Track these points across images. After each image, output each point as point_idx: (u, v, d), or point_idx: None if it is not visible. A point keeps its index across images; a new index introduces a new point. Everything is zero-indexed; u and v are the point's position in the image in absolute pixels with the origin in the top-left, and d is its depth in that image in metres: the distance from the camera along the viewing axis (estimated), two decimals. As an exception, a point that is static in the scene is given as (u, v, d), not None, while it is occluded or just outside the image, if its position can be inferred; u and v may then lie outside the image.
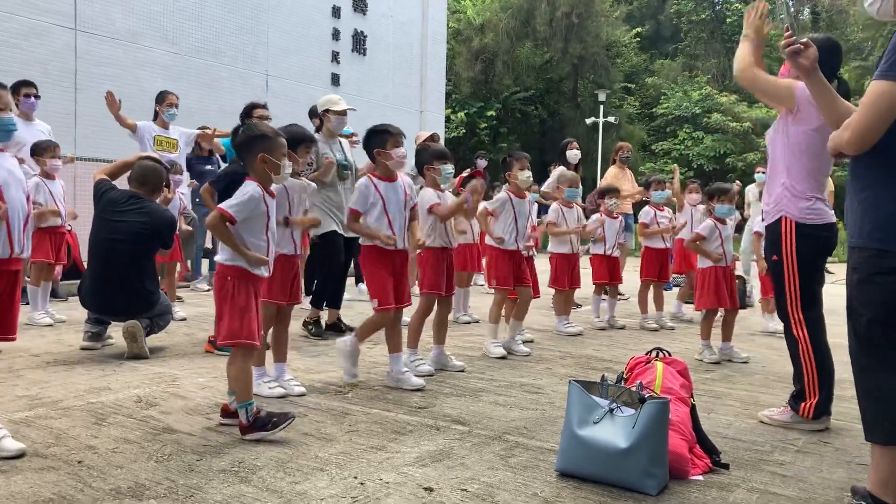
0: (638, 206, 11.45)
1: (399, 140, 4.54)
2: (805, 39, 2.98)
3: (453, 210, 4.97)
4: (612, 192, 7.73)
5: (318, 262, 6.39)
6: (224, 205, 3.46)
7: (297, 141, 4.35)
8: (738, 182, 9.04)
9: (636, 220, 10.31)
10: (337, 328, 6.40)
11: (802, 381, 3.93)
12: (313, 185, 4.63)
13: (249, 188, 3.49)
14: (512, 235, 5.74)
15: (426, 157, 5.02)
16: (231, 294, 3.45)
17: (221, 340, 3.50)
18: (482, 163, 11.06)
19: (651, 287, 7.65)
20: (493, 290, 5.92)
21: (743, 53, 3.97)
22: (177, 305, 6.86)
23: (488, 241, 6.02)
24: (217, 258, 3.53)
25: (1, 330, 3.30)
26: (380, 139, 4.53)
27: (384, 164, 4.52)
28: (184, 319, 6.76)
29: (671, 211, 8.08)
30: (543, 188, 8.59)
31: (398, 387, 4.51)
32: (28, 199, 3.35)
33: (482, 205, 5.76)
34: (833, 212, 3.97)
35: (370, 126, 4.68)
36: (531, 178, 5.87)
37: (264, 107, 6.75)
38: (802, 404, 3.89)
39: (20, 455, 3.08)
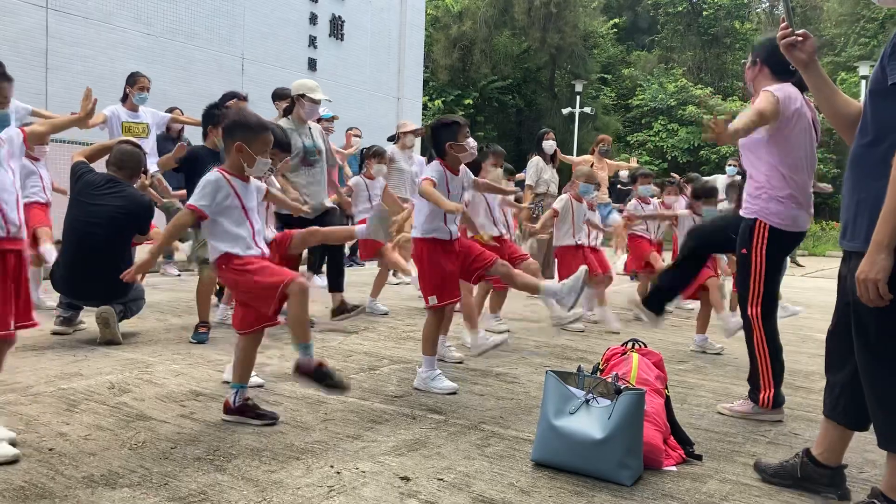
0: (619, 199, 11.53)
1: (468, 130, 4.38)
2: (802, 31, 2.86)
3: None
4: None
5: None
6: (191, 200, 3.39)
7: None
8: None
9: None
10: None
11: (757, 372, 4.00)
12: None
13: (209, 176, 3.42)
14: (489, 221, 5.77)
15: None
16: (232, 282, 3.48)
17: (241, 328, 3.55)
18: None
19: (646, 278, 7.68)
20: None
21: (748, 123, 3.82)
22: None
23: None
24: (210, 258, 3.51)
25: (18, 316, 3.18)
26: (450, 131, 4.32)
27: (455, 156, 4.35)
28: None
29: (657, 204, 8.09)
30: (527, 181, 8.57)
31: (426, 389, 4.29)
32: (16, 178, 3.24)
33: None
34: (810, 216, 3.97)
35: (437, 118, 4.56)
36: (501, 177, 5.91)
37: (245, 99, 6.65)
38: (761, 395, 3.96)
39: (15, 461, 2.92)
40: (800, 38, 2.83)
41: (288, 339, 5.51)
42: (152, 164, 7.64)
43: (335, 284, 6.36)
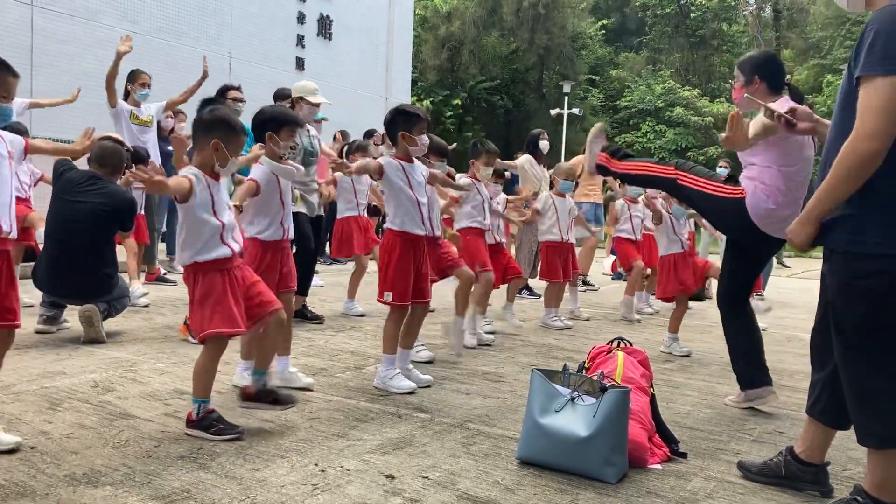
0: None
1: (424, 126, 4.33)
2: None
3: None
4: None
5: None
6: (184, 172, 3.27)
7: (281, 123, 4.05)
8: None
9: (605, 212, 10.45)
10: (302, 315, 6.35)
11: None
12: (302, 168, 4.48)
13: (192, 169, 3.29)
14: (484, 215, 5.76)
15: (428, 150, 4.96)
16: (193, 285, 3.28)
17: (195, 335, 3.32)
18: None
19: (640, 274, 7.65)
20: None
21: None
22: (142, 288, 6.74)
23: (463, 224, 5.91)
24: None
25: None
26: (406, 122, 4.29)
27: (405, 147, 4.31)
28: (146, 306, 6.62)
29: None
30: (521, 182, 8.56)
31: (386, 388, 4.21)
32: (16, 178, 3.25)
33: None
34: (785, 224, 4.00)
35: (397, 105, 4.54)
36: (490, 175, 5.89)
37: (238, 88, 6.64)
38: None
39: (15, 449, 2.95)
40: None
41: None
42: (154, 158, 7.64)
43: (300, 287, 6.33)
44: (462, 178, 5.84)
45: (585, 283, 10.24)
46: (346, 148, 7.88)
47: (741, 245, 4.13)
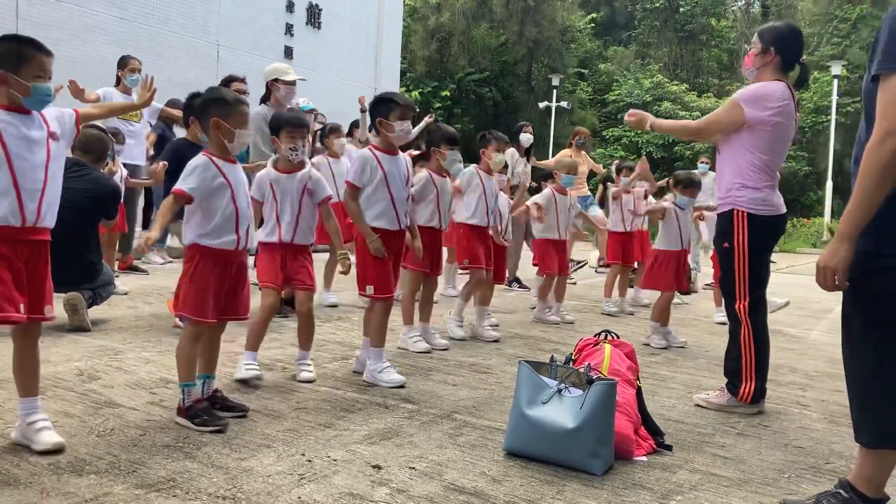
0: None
1: (406, 113, 4.18)
2: None
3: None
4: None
5: None
6: (177, 184, 3.26)
7: (280, 125, 4.08)
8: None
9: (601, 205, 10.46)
10: (291, 304, 6.31)
11: (738, 364, 3.99)
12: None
13: (196, 160, 3.30)
14: (482, 211, 5.64)
15: (435, 138, 5.00)
16: (189, 262, 3.29)
17: (177, 310, 3.36)
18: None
19: (618, 272, 7.63)
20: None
21: (676, 127, 4.64)
22: (118, 277, 6.69)
23: (457, 219, 5.83)
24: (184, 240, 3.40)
25: (31, 307, 2.97)
26: (384, 108, 4.13)
27: (385, 135, 4.20)
28: (126, 293, 6.58)
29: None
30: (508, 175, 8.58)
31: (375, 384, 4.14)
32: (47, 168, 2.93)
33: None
34: (783, 201, 4.03)
35: (379, 93, 4.44)
36: (504, 161, 5.86)
37: (243, 80, 6.55)
38: (741, 388, 3.96)
39: (59, 450, 2.83)
40: None
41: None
42: (139, 147, 7.58)
43: None
44: (458, 179, 5.65)
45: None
46: (318, 133, 7.76)
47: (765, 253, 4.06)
